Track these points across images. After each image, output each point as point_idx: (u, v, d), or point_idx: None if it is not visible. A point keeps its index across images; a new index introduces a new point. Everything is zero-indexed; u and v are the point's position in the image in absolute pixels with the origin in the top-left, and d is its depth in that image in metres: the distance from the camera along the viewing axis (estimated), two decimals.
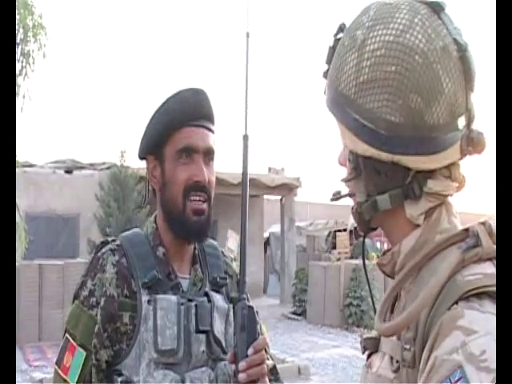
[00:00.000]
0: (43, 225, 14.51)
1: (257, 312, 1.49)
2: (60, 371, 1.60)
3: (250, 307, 1.47)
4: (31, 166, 14.95)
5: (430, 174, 1.04)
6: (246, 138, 1.55)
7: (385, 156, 1.02)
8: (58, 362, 1.61)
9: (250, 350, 1.43)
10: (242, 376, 1.43)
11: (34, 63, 10.72)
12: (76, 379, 1.57)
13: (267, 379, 1.52)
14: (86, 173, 15.44)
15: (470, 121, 1.03)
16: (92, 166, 15.80)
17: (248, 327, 1.45)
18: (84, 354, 1.57)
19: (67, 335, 1.62)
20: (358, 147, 1.05)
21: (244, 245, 1.52)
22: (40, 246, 13.93)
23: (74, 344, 1.59)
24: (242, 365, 1.43)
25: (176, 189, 1.62)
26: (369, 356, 1.15)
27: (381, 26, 1.03)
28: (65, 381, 1.58)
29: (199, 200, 1.62)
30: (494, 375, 0.84)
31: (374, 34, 1.03)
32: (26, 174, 13.95)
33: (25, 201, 13.48)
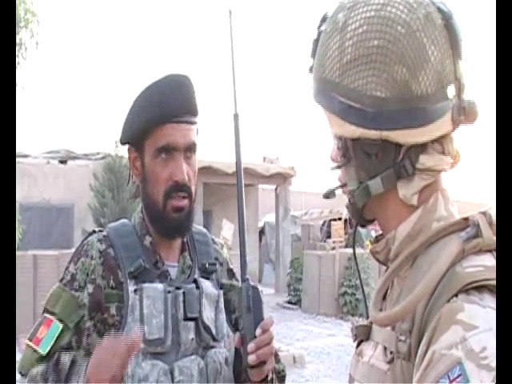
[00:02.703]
0: (38, 215, 14.48)
1: (261, 291, 1.48)
2: (31, 343, 1.55)
3: (255, 288, 1.46)
4: (25, 156, 14.90)
5: (422, 149, 1.01)
6: (236, 117, 1.53)
7: (373, 134, 0.99)
8: (31, 337, 1.57)
9: (258, 331, 1.42)
10: (251, 358, 1.41)
11: (26, 51, 10.64)
12: (48, 349, 1.52)
13: (273, 359, 1.50)
14: (81, 163, 15.41)
15: (460, 90, 1.00)
16: (86, 156, 15.76)
17: (254, 308, 1.44)
18: (60, 326, 1.54)
19: (45, 314, 1.59)
20: (345, 130, 1.02)
21: (243, 229, 1.50)
22: (34, 237, 13.91)
23: (52, 318, 1.56)
24: (251, 346, 1.41)
25: (156, 188, 1.60)
26: (358, 344, 1.13)
27: (361, 4, 1.01)
28: (34, 351, 1.54)
29: (180, 197, 1.60)
30: (494, 373, 0.81)
31: (355, 13, 1.01)
32: (20, 165, 13.89)
33: (19, 191, 13.43)
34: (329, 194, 1.15)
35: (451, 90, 0.99)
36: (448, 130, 1.01)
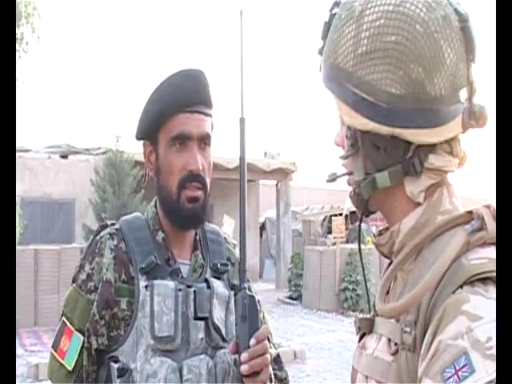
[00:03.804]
0: (39, 210, 14.49)
1: (258, 301, 1.48)
2: (57, 355, 1.59)
3: (252, 297, 1.45)
4: (26, 150, 14.90)
5: (431, 148, 1.01)
6: (242, 121, 1.53)
7: (385, 130, 0.99)
8: (55, 346, 1.60)
9: (252, 341, 1.42)
10: (244, 367, 1.41)
11: (27, 45, 10.63)
12: (73, 364, 1.55)
13: (270, 369, 1.50)
14: (82, 158, 15.40)
15: (471, 93, 1.00)
16: (87, 150, 15.75)
17: (249, 317, 1.43)
18: (82, 338, 1.55)
19: (64, 318, 1.60)
20: (356, 122, 1.02)
21: (244, 234, 1.50)
22: (35, 231, 13.92)
23: (72, 328, 1.57)
24: (244, 356, 1.41)
25: (171, 178, 1.60)
26: (361, 337, 1.13)
27: None
28: (61, 365, 1.57)
29: (194, 188, 1.60)
30: None
31: (372, 5, 1.00)
32: (22, 159, 13.90)
33: (20, 186, 13.44)
34: (332, 179, 1.14)
35: (463, 93, 0.99)
36: (458, 132, 1.01)
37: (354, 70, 1.00)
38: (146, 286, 1.54)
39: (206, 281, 1.62)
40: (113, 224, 1.67)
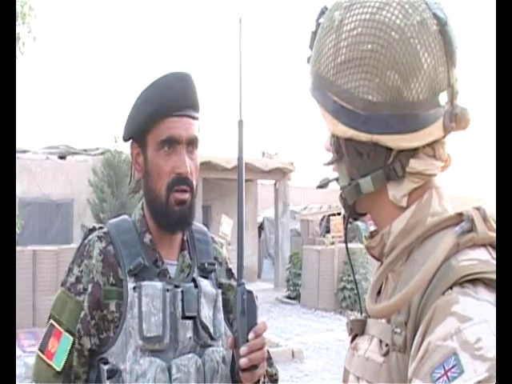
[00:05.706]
0: (37, 211, 14.48)
1: (256, 297, 1.50)
2: (44, 356, 1.59)
3: (250, 292, 1.48)
4: (24, 151, 14.90)
5: (413, 153, 1.02)
6: (240, 123, 1.56)
7: (363, 136, 1.00)
8: (42, 348, 1.61)
9: (251, 335, 1.44)
10: (243, 361, 1.43)
11: (24, 46, 10.60)
12: (62, 365, 1.56)
13: (265, 363, 1.52)
14: (80, 158, 15.41)
15: (452, 96, 1.01)
16: (85, 151, 15.76)
17: (248, 312, 1.46)
18: (71, 339, 1.57)
19: (52, 321, 1.61)
20: (337, 129, 1.04)
21: (241, 231, 1.52)
22: (34, 232, 13.92)
23: (60, 329, 1.59)
24: (244, 350, 1.43)
25: (159, 181, 1.62)
26: (353, 338, 1.14)
27: (357, 5, 1.01)
28: (49, 366, 1.58)
29: (182, 191, 1.62)
30: (489, 364, 0.82)
31: (350, 14, 1.01)
32: (20, 160, 13.88)
33: (18, 187, 13.44)
34: (323, 185, 1.17)
35: (443, 97, 1.00)
36: (439, 135, 1.02)
37: (334, 78, 1.02)
38: (134, 288, 1.56)
39: (194, 280, 1.65)
40: (101, 228, 1.69)
